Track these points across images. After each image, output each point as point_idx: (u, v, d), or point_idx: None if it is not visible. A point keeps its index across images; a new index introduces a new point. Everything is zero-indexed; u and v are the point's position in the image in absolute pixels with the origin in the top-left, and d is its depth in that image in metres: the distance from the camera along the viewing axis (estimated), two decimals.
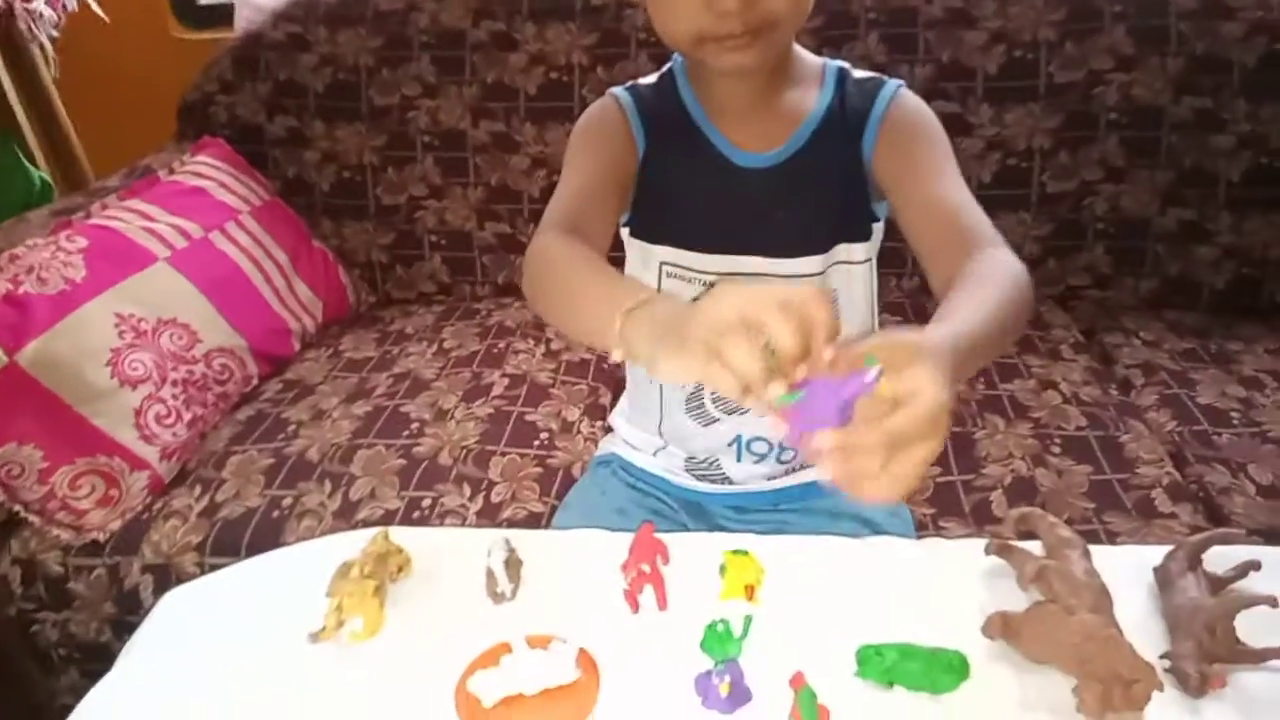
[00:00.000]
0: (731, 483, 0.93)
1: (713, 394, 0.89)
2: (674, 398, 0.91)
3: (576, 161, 0.83)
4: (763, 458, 0.91)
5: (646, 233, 0.86)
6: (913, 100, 0.83)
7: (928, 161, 0.79)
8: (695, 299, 0.78)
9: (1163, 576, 0.67)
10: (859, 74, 0.84)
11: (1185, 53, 1.39)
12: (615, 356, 0.61)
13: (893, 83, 0.83)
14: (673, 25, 0.74)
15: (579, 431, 1.22)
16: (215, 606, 0.73)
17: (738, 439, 0.90)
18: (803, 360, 0.51)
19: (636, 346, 0.60)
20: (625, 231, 0.87)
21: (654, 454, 0.96)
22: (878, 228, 0.85)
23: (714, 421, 0.90)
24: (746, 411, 0.88)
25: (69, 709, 0.64)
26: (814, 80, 0.84)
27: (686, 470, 0.94)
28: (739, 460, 0.91)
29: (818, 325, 0.51)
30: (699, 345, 0.52)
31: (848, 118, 0.81)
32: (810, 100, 0.83)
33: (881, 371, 0.49)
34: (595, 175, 0.81)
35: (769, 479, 0.92)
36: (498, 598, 0.69)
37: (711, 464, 0.93)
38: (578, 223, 0.75)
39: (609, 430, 1.05)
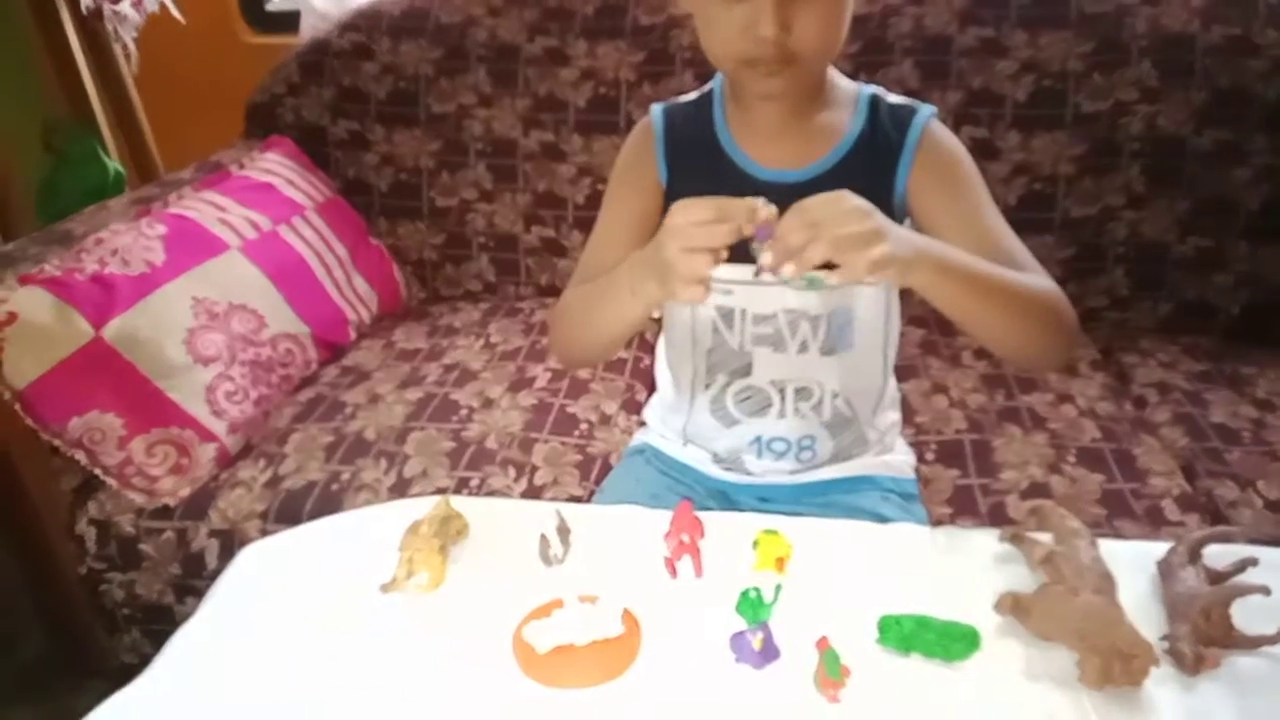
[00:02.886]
0: (753, 475, 0.96)
1: (735, 396, 0.92)
2: (700, 401, 0.94)
3: (609, 214, 0.91)
4: (781, 455, 0.94)
5: None
6: (944, 129, 0.84)
7: (969, 197, 0.82)
8: (719, 308, 0.87)
9: (1164, 568, 0.70)
10: (892, 99, 0.86)
11: (1208, 86, 1.41)
12: (655, 314, 0.75)
13: (925, 109, 0.84)
14: (715, 48, 0.79)
15: (616, 424, 1.27)
16: (292, 559, 0.78)
17: (758, 439, 0.93)
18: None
19: (648, 290, 0.72)
20: None
21: (684, 445, 1.00)
22: None
23: (736, 423, 0.93)
24: (766, 414, 0.91)
25: (129, 668, 0.67)
26: (848, 105, 0.85)
27: (713, 462, 0.98)
28: (759, 457, 0.95)
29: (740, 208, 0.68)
30: (671, 257, 0.68)
31: (879, 144, 0.83)
32: (843, 124, 0.84)
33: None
34: (620, 239, 0.87)
35: (790, 473, 0.95)
36: (550, 560, 0.74)
37: (734, 461, 0.96)
38: None
39: (643, 424, 1.09)
